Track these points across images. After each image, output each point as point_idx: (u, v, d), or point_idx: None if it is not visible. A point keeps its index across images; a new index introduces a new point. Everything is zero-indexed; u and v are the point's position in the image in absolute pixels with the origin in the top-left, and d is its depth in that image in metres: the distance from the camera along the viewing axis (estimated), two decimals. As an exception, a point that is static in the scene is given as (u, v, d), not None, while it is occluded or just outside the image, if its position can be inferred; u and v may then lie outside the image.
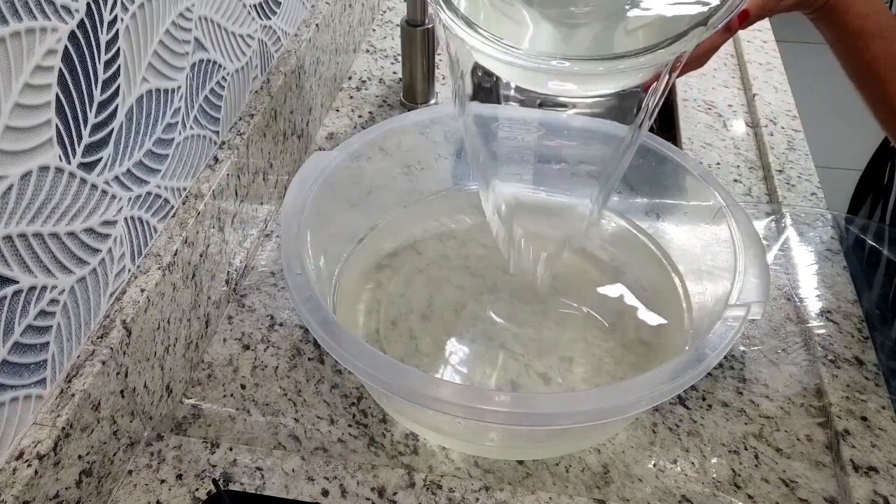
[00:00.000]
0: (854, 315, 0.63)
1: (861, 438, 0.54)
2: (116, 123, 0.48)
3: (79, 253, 0.46)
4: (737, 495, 0.52)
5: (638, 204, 0.68)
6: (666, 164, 0.63)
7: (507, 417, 0.43)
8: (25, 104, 0.40)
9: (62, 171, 0.43)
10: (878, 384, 0.58)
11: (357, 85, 0.94)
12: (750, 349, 0.62)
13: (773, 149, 0.82)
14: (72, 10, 0.42)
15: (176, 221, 0.57)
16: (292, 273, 0.50)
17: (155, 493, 0.51)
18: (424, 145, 0.69)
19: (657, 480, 0.53)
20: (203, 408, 0.57)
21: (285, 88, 0.73)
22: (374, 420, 0.56)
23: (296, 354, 0.61)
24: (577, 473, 0.53)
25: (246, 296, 0.66)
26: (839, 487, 0.53)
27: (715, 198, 0.58)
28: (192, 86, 0.58)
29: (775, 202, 0.76)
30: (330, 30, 0.86)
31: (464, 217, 0.70)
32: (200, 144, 0.60)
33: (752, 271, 0.52)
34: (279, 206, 0.75)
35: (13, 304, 0.41)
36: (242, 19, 0.65)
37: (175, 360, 0.56)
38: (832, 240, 0.71)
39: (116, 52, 0.47)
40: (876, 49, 0.55)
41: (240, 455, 0.53)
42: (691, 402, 0.58)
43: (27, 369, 0.43)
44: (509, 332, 0.60)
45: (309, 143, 0.83)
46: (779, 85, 0.93)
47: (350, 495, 0.51)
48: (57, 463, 0.44)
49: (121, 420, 0.50)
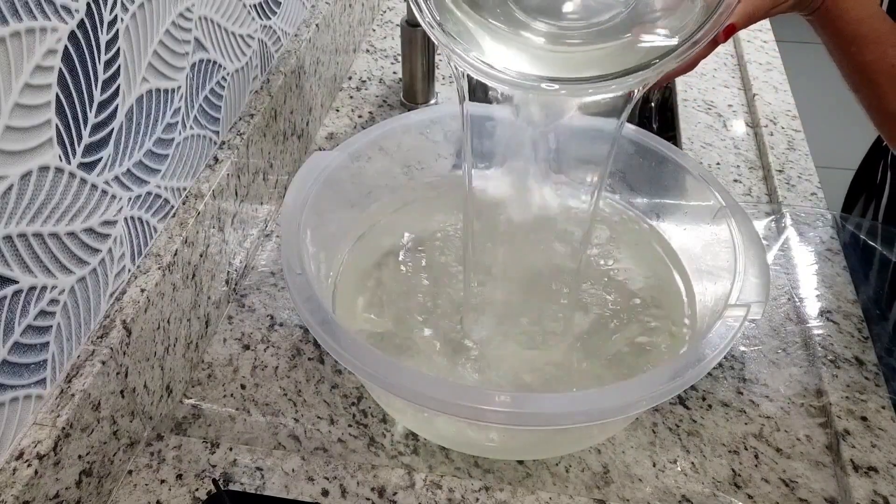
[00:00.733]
0: (854, 315, 0.63)
1: (861, 438, 0.54)
2: (116, 123, 0.48)
3: (79, 253, 0.46)
4: (737, 495, 0.52)
5: (638, 204, 0.68)
6: (666, 164, 0.63)
7: (507, 417, 0.43)
8: (25, 104, 0.40)
9: (62, 171, 0.43)
10: (878, 384, 0.58)
11: (357, 85, 0.94)
12: (750, 349, 0.62)
13: (773, 149, 0.82)
14: (72, 10, 0.42)
15: (176, 221, 0.57)
16: (292, 273, 0.50)
17: (155, 493, 0.51)
18: (424, 145, 0.69)
19: (657, 480, 0.53)
20: (203, 408, 0.57)
21: (285, 88, 0.73)
22: (374, 420, 0.56)
23: (296, 354, 0.61)
24: (577, 473, 0.53)
25: (246, 296, 0.66)
26: (839, 487, 0.53)
27: (715, 198, 0.58)
28: (192, 86, 0.58)
29: (775, 202, 0.76)
30: (330, 30, 0.86)
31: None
32: (200, 144, 0.60)
33: (752, 271, 0.52)
34: (279, 206, 0.75)
35: (13, 304, 0.41)
36: (242, 19, 0.65)
37: (175, 360, 0.56)
38: (832, 240, 0.71)
39: (116, 52, 0.47)
40: (870, 54, 0.54)
41: (240, 455, 0.53)
42: (691, 402, 0.58)
43: (27, 369, 0.43)
44: (509, 329, 0.60)
45: (309, 143, 0.83)
46: (779, 85, 0.93)
47: (350, 495, 0.51)
48: (57, 463, 0.44)
49: (121, 420, 0.50)
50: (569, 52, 0.50)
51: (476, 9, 0.50)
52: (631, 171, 0.67)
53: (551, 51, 0.50)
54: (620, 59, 0.47)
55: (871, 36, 0.54)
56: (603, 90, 0.46)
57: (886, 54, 0.54)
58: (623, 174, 0.68)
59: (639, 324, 0.60)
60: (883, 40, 0.54)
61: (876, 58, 0.54)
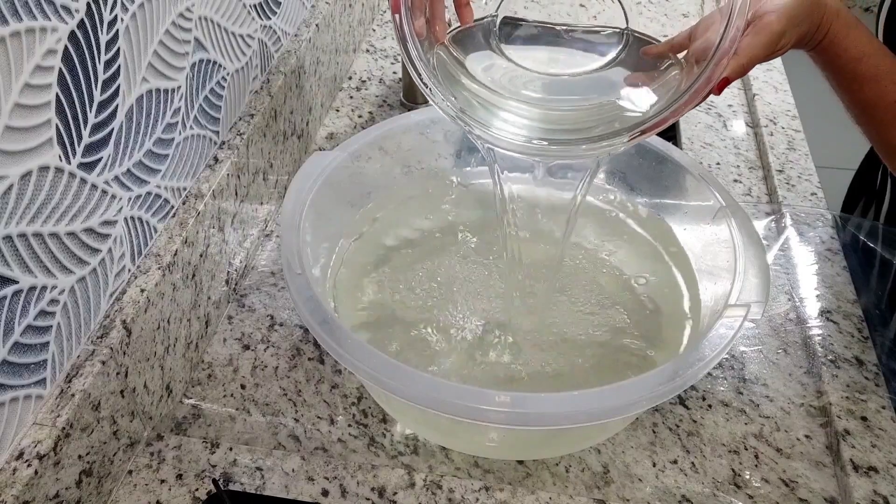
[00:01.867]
0: (854, 315, 0.63)
1: (861, 438, 0.54)
2: (116, 123, 0.48)
3: (79, 253, 0.46)
4: (737, 495, 0.52)
5: (638, 204, 0.68)
6: (666, 164, 0.63)
7: (507, 417, 0.43)
8: (25, 104, 0.40)
9: (62, 171, 0.43)
10: (878, 384, 0.58)
11: (357, 85, 0.94)
12: (750, 349, 0.62)
13: (773, 149, 0.82)
14: (72, 10, 0.42)
15: (176, 221, 0.57)
16: (292, 273, 0.50)
17: (155, 493, 0.51)
18: (424, 145, 0.69)
19: (657, 480, 0.53)
20: (203, 408, 0.57)
21: (285, 88, 0.73)
22: (374, 420, 0.56)
23: (296, 354, 0.61)
24: (577, 473, 0.53)
25: (246, 296, 0.66)
26: (839, 487, 0.53)
27: (715, 198, 0.58)
28: (192, 86, 0.58)
29: (775, 202, 0.76)
30: (330, 30, 0.86)
31: (463, 211, 0.70)
32: (200, 144, 0.60)
33: (752, 271, 0.52)
34: (279, 206, 0.75)
35: (13, 304, 0.41)
36: (242, 19, 0.65)
37: (175, 360, 0.56)
38: (832, 240, 0.71)
39: (116, 52, 0.47)
40: (870, 92, 0.54)
41: (240, 455, 0.53)
42: (691, 402, 0.58)
43: (27, 369, 0.43)
44: (509, 327, 0.60)
45: (309, 143, 0.83)
46: (779, 85, 0.93)
47: (350, 495, 0.51)
48: (57, 463, 0.44)
49: (121, 420, 0.50)
50: (564, 117, 0.54)
51: (481, 85, 0.54)
52: (631, 171, 0.67)
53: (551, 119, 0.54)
54: (612, 122, 0.51)
55: (871, 73, 0.54)
56: (607, 148, 0.49)
57: (887, 91, 0.54)
58: (623, 174, 0.68)
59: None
60: (883, 77, 0.53)
61: (876, 95, 0.54)
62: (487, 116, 0.52)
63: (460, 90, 0.53)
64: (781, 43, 0.50)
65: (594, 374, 0.57)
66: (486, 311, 0.61)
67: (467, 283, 0.63)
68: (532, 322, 0.61)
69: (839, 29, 0.53)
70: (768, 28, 0.49)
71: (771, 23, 0.49)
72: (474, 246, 0.67)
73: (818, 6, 0.52)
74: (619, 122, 0.50)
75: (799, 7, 0.50)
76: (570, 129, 0.53)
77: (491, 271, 0.65)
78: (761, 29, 0.49)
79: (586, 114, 0.54)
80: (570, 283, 0.64)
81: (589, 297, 0.63)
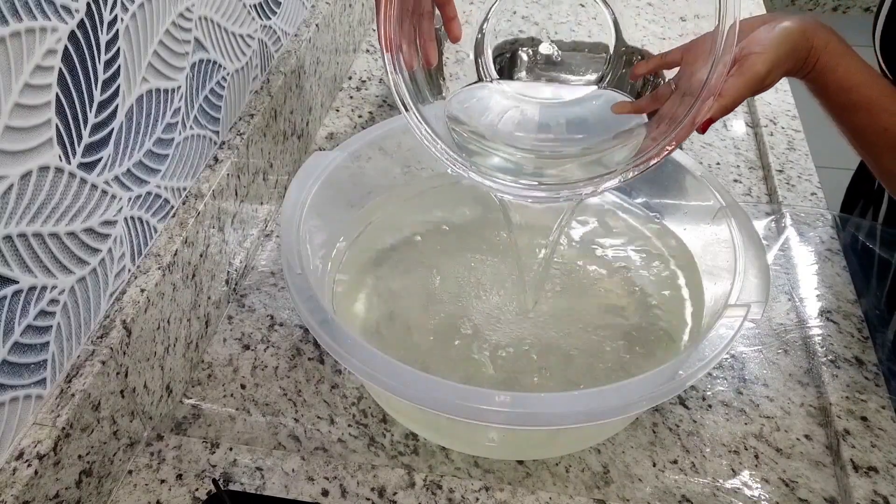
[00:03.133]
0: (854, 315, 0.63)
1: (861, 438, 0.54)
2: (116, 123, 0.48)
3: (79, 253, 0.46)
4: (737, 495, 0.52)
5: (638, 204, 0.68)
6: (666, 164, 0.63)
7: (507, 417, 0.43)
8: (25, 104, 0.40)
9: (62, 171, 0.43)
10: (878, 384, 0.58)
11: (357, 85, 0.94)
12: (750, 349, 0.62)
13: (773, 149, 0.82)
14: (72, 10, 0.42)
15: (176, 221, 0.57)
16: (292, 273, 0.50)
17: (155, 493, 0.51)
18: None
19: (657, 480, 0.53)
20: (203, 408, 0.57)
21: (285, 88, 0.73)
22: (374, 420, 0.56)
23: (296, 354, 0.61)
24: (577, 473, 0.53)
25: (246, 296, 0.66)
26: (839, 487, 0.53)
27: (715, 198, 0.58)
28: (192, 86, 0.58)
29: (775, 202, 0.76)
30: (330, 30, 0.86)
31: (463, 210, 0.70)
32: (200, 144, 0.60)
33: (752, 271, 0.52)
34: (279, 206, 0.75)
35: (13, 304, 0.41)
36: (242, 19, 0.65)
37: (175, 360, 0.56)
38: (832, 240, 0.71)
39: (116, 52, 0.47)
40: (862, 121, 0.55)
41: (240, 455, 0.53)
42: (691, 402, 0.58)
43: (27, 369, 0.43)
44: (509, 326, 0.60)
45: (309, 143, 0.83)
46: (779, 85, 0.93)
47: (350, 495, 0.51)
48: (57, 463, 0.44)
49: (121, 420, 0.50)
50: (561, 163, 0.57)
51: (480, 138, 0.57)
52: (631, 171, 0.67)
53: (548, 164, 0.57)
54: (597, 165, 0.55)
55: (862, 102, 0.54)
56: (610, 182, 0.52)
57: (879, 119, 0.54)
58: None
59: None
60: (874, 106, 0.54)
61: (868, 123, 0.55)
62: (481, 159, 0.55)
63: (454, 130, 0.56)
64: (766, 83, 0.51)
65: (594, 374, 0.57)
66: (486, 311, 0.61)
67: (467, 284, 0.63)
68: (532, 322, 0.61)
69: (828, 61, 0.53)
70: (752, 70, 0.50)
71: (755, 64, 0.50)
72: (474, 246, 0.67)
73: (804, 40, 0.52)
74: (605, 165, 0.53)
75: (782, 46, 0.51)
76: (557, 174, 0.56)
77: (491, 271, 0.65)
78: (746, 70, 0.50)
79: (575, 162, 0.56)
80: (570, 284, 0.64)
81: (589, 297, 0.63)
